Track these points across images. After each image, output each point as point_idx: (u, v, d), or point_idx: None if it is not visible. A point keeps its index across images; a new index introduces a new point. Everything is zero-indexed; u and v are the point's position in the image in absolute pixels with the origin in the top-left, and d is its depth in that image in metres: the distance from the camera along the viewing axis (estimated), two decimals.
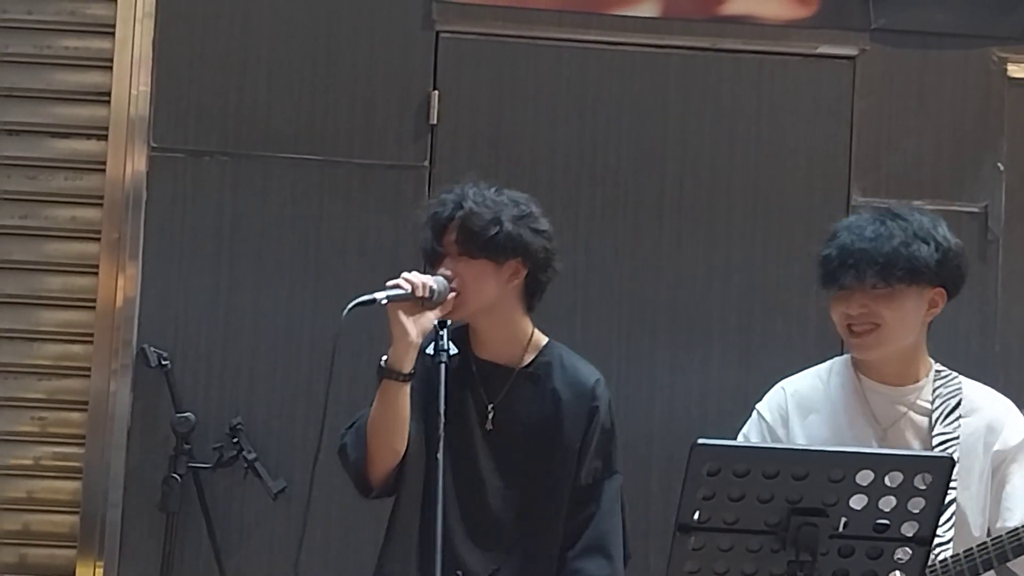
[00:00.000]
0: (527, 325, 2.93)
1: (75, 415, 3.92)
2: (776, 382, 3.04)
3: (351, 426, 2.90)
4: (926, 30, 3.97)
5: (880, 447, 2.85)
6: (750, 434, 3.01)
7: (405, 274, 2.79)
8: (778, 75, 3.99)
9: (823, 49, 3.99)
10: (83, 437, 3.90)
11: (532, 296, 2.93)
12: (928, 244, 2.84)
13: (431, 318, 2.77)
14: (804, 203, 3.96)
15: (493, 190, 2.90)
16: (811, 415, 2.95)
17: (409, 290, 2.75)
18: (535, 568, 2.89)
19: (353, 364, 3.78)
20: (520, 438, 2.85)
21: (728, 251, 3.96)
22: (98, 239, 3.94)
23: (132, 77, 3.95)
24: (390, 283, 2.78)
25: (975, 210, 3.97)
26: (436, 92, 3.94)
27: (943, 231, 2.90)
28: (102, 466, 3.86)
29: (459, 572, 2.49)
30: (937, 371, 2.97)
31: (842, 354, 3.03)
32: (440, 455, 2.48)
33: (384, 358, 2.80)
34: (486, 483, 2.84)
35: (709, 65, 3.98)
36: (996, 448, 2.90)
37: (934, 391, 2.92)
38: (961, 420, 2.89)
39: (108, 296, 3.92)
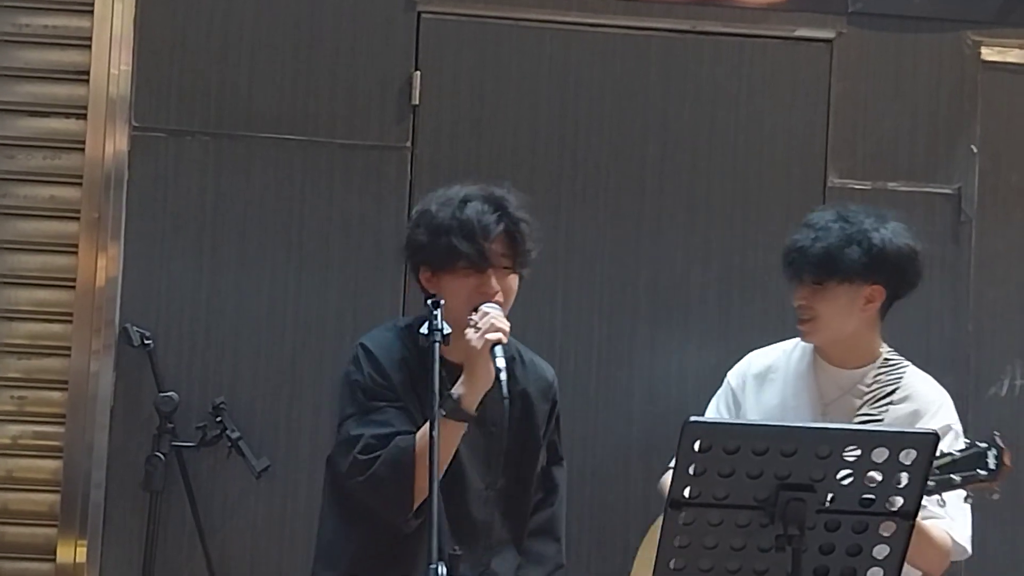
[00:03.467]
0: None
1: (55, 394, 3.92)
2: None
3: (369, 451, 2.74)
4: (902, 14, 4.02)
5: (819, 421, 3.05)
6: (718, 401, 3.25)
7: (496, 318, 2.68)
8: (757, 57, 4.03)
9: (801, 32, 4.03)
10: (63, 416, 3.89)
11: None
12: (860, 246, 3.03)
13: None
14: (782, 185, 4.01)
15: (507, 190, 2.85)
16: (767, 383, 3.18)
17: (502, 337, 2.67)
18: (515, 561, 2.92)
19: (336, 344, 3.83)
20: (496, 438, 2.83)
21: (707, 232, 4.00)
22: (77, 218, 3.93)
23: (111, 56, 3.93)
24: (492, 333, 2.66)
25: (949, 192, 4.03)
26: (418, 73, 3.95)
27: (885, 234, 3.06)
28: (84, 445, 3.86)
29: (455, 550, 2.49)
30: (886, 359, 3.16)
31: None
32: (435, 433, 2.48)
33: (455, 395, 2.70)
34: (469, 486, 2.84)
35: (689, 47, 4.02)
36: (893, 429, 3.03)
37: (875, 376, 3.12)
38: (890, 406, 3.08)
39: (88, 275, 3.92)
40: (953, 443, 2.93)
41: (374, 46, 3.95)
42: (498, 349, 2.65)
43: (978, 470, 2.74)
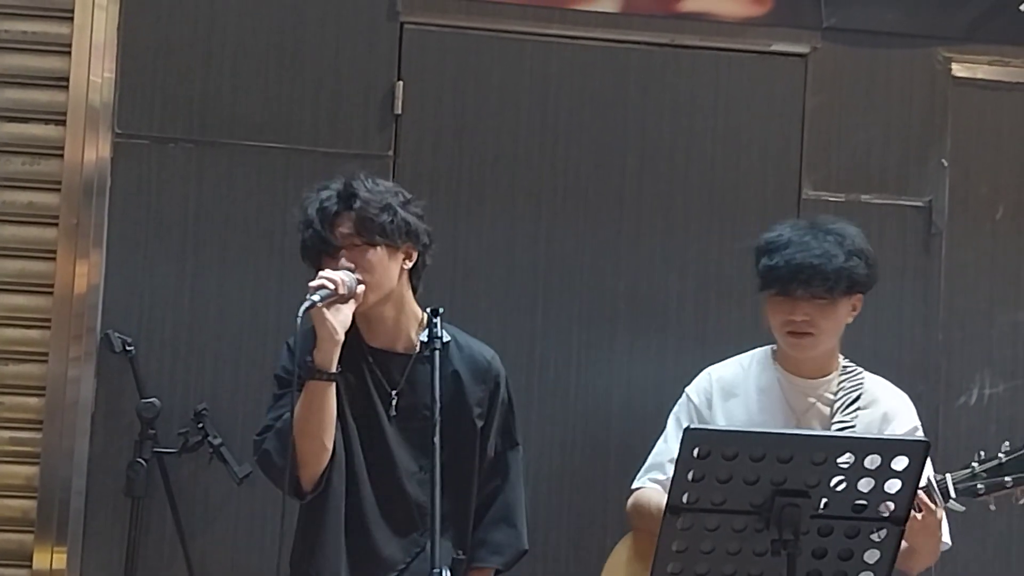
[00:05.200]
0: (417, 307, 3.03)
1: (32, 400, 3.90)
2: None
3: (265, 431, 2.92)
4: (875, 29, 4.10)
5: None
6: (680, 414, 3.31)
7: (323, 273, 2.85)
8: (733, 71, 4.09)
9: (776, 47, 4.10)
10: (40, 422, 3.88)
11: (418, 279, 3.04)
12: (861, 259, 3.16)
13: (348, 314, 2.84)
14: (757, 196, 4.08)
15: (370, 179, 2.99)
16: (732, 399, 3.24)
17: (333, 289, 2.81)
18: (455, 546, 2.96)
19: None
20: (426, 420, 2.88)
21: (685, 241, 4.06)
22: (56, 224, 3.92)
23: (91, 63, 3.93)
24: (314, 283, 2.83)
25: (920, 204, 4.12)
26: (401, 82, 3.98)
27: (866, 243, 3.21)
28: (61, 451, 3.85)
29: (459, 554, 2.55)
30: (844, 366, 3.27)
31: None
32: (436, 439, 2.52)
33: (309, 359, 2.84)
34: (399, 468, 2.91)
35: (667, 61, 4.07)
36: (886, 436, 3.13)
37: (839, 384, 3.21)
38: (859, 411, 3.17)
39: (65, 282, 3.90)
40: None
41: (357, 55, 3.98)
42: (317, 295, 2.79)
43: None
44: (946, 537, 3.10)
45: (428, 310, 2.72)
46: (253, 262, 3.93)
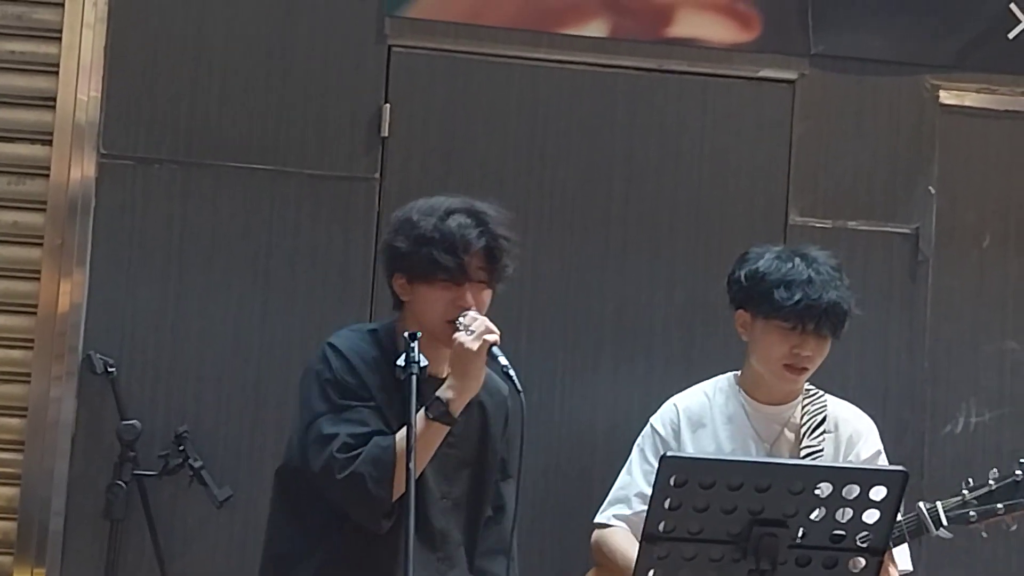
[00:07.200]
0: None
1: (14, 421, 3.88)
2: None
3: (347, 449, 2.73)
4: (863, 56, 4.10)
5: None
6: (644, 447, 3.29)
7: (487, 321, 2.72)
8: (721, 96, 4.09)
9: (764, 72, 4.10)
10: (22, 443, 3.86)
11: None
12: (852, 299, 3.17)
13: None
14: (744, 220, 4.07)
15: (496, 211, 2.87)
16: (700, 430, 3.24)
17: (495, 339, 2.70)
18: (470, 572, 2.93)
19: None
20: (456, 448, 2.86)
21: (671, 265, 4.05)
22: (40, 244, 3.91)
23: (79, 82, 3.93)
24: (490, 335, 2.68)
25: (907, 231, 4.11)
26: (388, 105, 3.98)
27: None
28: (43, 472, 3.83)
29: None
30: (807, 390, 3.27)
31: None
32: (411, 464, 2.50)
33: (443, 398, 2.70)
34: (430, 495, 2.85)
35: (655, 85, 4.07)
36: (850, 460, 3.17)
37: (804, 409, 3.22)
38: (826, 435, 3.18)
39: (50, 302, 3.89)
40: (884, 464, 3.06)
41: (344, 78, 3.98)
42: (496, 349, 2.68)
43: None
44: (906, 564, 3.09)
45: (406, 334, 2.68)
46: (237, 284, 3.92)
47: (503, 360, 2.68)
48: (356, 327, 2.96)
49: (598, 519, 3.35)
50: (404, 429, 2.66)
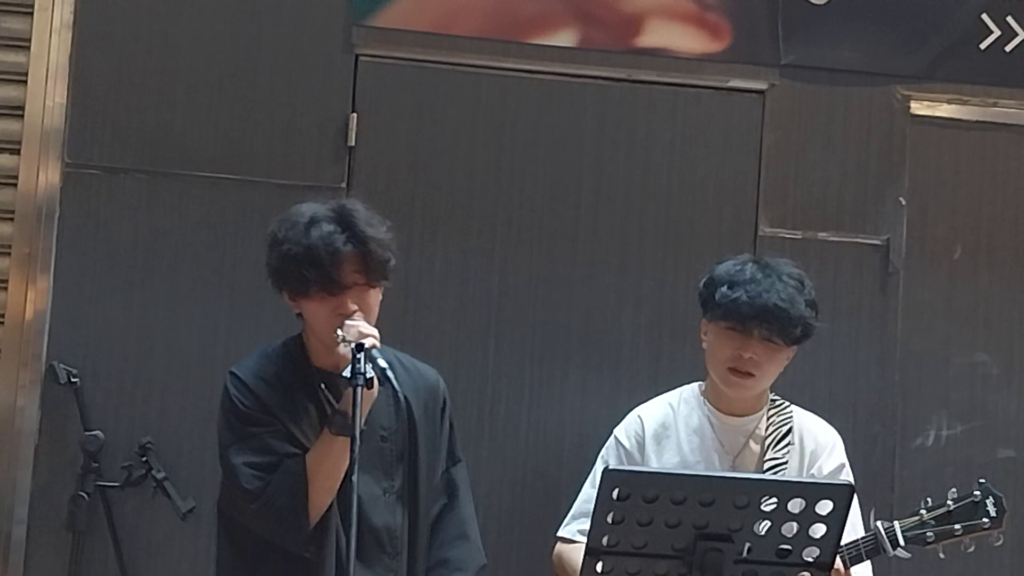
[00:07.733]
0: None
1: None
2: None
3: (260, 478, 2.74)
4: (833, 67, 4.08)
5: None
6: (608, 458, 3.27)
7: (361, 326, 2.70)
8: (691, 107, 4.07)
9: (734, 83, 4.08)
10: None
11: None
12: (814, 310, 3.14)
13: None
14: (713, 232, 4.05)
15: (362, 209, 2.85)
16: (664, 441, 3.21)
17: (375, 343, 2.69)
18: (421, 568, 2.92)
19: None
20: (389, 442, 2.86)
21: (640, 276, 4.03)
22: (9, 254, 3.90)
23: (47, 92, 3.91)
24: (370, 340, 2.66)
25: (877, 243, 4.09)
26: (355, 115, 3.96)
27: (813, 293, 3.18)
28: (7, 482, 3.81)
29: None
30: (772, 400, 3.25)
31: None
32: (355, 477, 2.48)
33: (341, 410, 2.71)
34: (370, 496, 2.82)
35: (624, 96, 4.06)
36: (812, 473, 3.16)
37: (769, 420, 3.19)
38: (790, 447, 3.16)
39: (17, 311, 3.88)
40: (847, 479, 3.01)
41: (311, 87, 3.96)
42: (375, 352, 2.65)
43: (982, 519, 2.82)
44: None
45: (353, 346, 2.66)
46: (202, 295, 3.90)
47: (382, 362, 2.66)
48: (265, 345, 2.99)
49: (561, 532, 3.33)
50: (312, 450, 2.69)
